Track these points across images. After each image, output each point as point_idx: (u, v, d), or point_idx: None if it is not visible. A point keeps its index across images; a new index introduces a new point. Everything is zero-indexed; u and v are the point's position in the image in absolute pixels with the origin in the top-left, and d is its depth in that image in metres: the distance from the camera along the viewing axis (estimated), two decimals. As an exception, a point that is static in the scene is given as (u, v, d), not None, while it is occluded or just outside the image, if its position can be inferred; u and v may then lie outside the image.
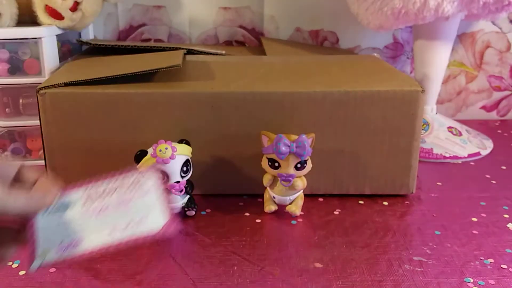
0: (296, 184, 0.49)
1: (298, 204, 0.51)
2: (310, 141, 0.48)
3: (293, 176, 0.48)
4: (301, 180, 0.50)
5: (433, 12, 0.59)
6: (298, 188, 0.49)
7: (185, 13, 0.82)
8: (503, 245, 0.46)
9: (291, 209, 0.50)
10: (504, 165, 0.65)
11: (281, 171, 0.48)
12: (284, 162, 0.48)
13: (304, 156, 0.48)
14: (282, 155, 0.47)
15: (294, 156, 0.48)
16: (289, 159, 0.48)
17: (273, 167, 0.49)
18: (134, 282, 0.40)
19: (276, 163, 0.48)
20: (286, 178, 0.48)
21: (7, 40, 0.60)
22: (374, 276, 0.41)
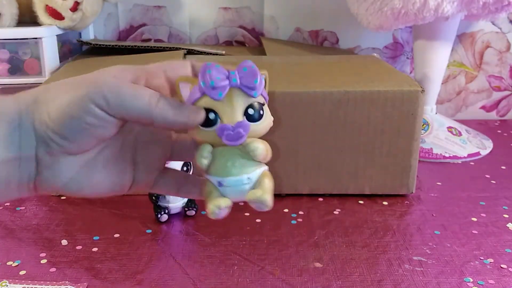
0: (254, 145, 0.29)
1: (265, 187, 0.29)
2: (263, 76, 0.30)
3: (246, 126, 0.28)
4: (261, 142, 0.29)
5: (433, 12, 0.59)
6: (259, 154, 0.29)
7: (185, 13, 0.82)
8: (503, 245, 0.46)
9: (256, 196, 0.29)
10: (503, 165, 0.65)
11: (222, 123, 0.28)
12: (224, 105, 0.28)
13: (256, 90, 0.29)
14: (219, 89, 0.28)
15: (240, 92, 0.28)
16: (232, 98, 0.28)
17: (206, 123, 0.28)
18: (134, 282, 0.40)
19: (211, 112, 0.28)
20: (235, 129, 0.28)
21: (8, 40, 0.60)
22: (374, 276, 0.41)
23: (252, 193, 0.29)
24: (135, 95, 0.27)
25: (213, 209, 0.30)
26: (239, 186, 0.30)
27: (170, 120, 0.28)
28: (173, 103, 0.28)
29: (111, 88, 0.27)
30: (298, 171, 0.54)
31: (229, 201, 0.30)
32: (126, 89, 0.27)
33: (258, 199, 0.29)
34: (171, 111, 0.28)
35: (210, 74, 0.28)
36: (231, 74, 0.29)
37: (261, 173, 0.30)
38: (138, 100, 0.27)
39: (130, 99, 0.27)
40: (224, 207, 0.30)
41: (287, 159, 0.54)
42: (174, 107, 0.28)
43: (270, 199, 0.29)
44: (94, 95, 0.26)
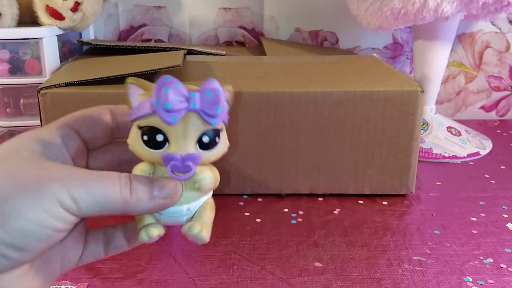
0: (201, 176, 0.26)
1: (204, 221, 0.27)
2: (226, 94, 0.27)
3: (196, 159, 0.25)
4: (210, 170, 0.27)
5: (433, 13, 0.59)
6: (205, 186, 0.26)
7: (185, 13, 0.82)
8: (502, 245, 0.46)
9: (194, 234, 0.26)
10: (503, 165, 0.65)
11: (170, 150, 0.25)
12: (176, 131, 0.25)
13: (216, 118, 0.25)
14: (174, 114, 0.24)
15: (197, 117, 0.25)
16: (188, 124, 0.25)
17: (152, 144, 0.25)
18: (134, 281, 0.40)
19: (160, 134, 0.25)
20: (183, 163, 0.25)
21: (8, 40, 0.60)
22: (374, 276, 0.41)
23: (189, 229, 0.26)
24: (106, 192, 0.24)
25: (143, 237, 0.26)
26: (176, 217, 0.27)
27: (146, 209, 0.25)
28: (147, 186, 0.25)
29: (78, 186, 0.23)
30: (298, 171, 0.54)
31: (162, 231, 0.27)
32: (95, 186, 0.23)
33: (196, 236, 0.26)
34: (146, 200, 0.25)
35: (167, 95, 0.24)
36: (191, 97, 0.24)
37: (203, 203, 0.27)
38: (110, 195, 0.24)
39: (101, 197, 0.23)
40: (156, 236, 0.27)
41: (287, 159, 0.54)
42: (149, 192, 0.25)
43: (207, 235, 0.27)
44: (62, 197, 0.23)
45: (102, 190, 0.23)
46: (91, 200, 0.23)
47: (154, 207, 0.25)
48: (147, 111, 0.25)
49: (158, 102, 0.24)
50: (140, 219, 0.27)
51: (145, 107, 0.25)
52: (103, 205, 0.24)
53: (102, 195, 0.23)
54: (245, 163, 0.54)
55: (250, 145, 0.53)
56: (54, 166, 0.24)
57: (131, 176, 0.25)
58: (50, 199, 0.22)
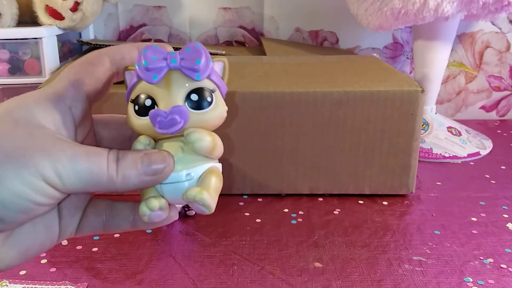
0: (195, 136, 0.25)
1: (207, 185, 0.25)
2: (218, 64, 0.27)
3: (183, 112, 0.24)
4: (208, 133, 0.25)
5: (433, 12, 0.59)
6: (200, 147, 0.25)
7: (185, 13, 0.82)
8: (503, 245, 0.46)
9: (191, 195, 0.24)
10: (503, 165, 0.65)
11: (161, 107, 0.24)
12: (161, 91, 0.24)
13: (199, 72, 0.24)
14: (154, 71, 0.24)
15: (181, 75, 0.24)
16: (171, 81, 0.24)
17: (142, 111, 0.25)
18: (134, 282, 0.40)
19: (148, 99, 0.25)
20: (168, 115, 0.24)
21: (8, 40, 0.60)
22: (374, 276, 0.41)
23: (188, 192, 0.24)
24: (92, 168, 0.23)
25: (144, 210, 0.25)
26: (177, 184, 0.25)
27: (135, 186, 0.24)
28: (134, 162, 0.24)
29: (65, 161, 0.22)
30: (298, 171, 0.54)
31: (164, 201, 0.25)
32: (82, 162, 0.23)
33: (193, 198, 0.24)
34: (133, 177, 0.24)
35: (145, 54, 0.24)
36: (170, 55, 0.25)
37: (206, 169, 0.26)
38: (96, 174, 0.23)
39: (87, 174, 0.23)
40: (157, 208, 0.25)
41: (287, 159, 0.54)
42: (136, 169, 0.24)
43: (210, 198, 0.24)
44: (46, 171, 0.22)
45: (88, 166, 0.23)
46: (76, 176, 0.22)
47: (143, 184, 0.24)
48: (134, 80, 0.25)
49: (139, 64, 0.24)
50: (144, 194, 0.26)
51: (133, 77, 0.26)
52: (88, 181, 0.23)
53: (88, 171, 0.23)
54: (245, 163, 0.54)
55: (250, 145, 0.53)
56: (44, 135, 0.23)
57: (120, 152, 0.24)
58: (32, 172, 0.22)
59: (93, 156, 0.23)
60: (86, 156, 0.23)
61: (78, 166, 0.22)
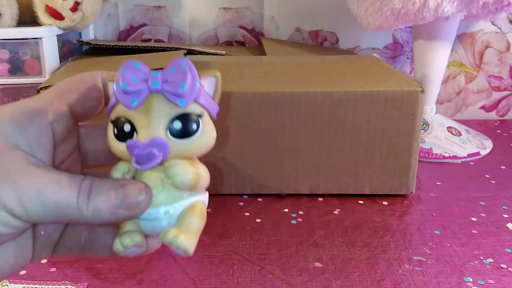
0: (175, 170, 0.22)
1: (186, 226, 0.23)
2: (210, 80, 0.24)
3: (162, 145, 0.22)
4: (191, 165, 0.23)
5: (433, 12, 0.59)
6: (180, 182, 0.22)
7: (185, 13, 0.82)
8: (503, 245, 0.46)
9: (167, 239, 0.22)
10: (503, 165, 0.65)
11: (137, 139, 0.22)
12: (140, 117, 0.22)
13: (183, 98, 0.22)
14: (132, 95, 0.22)
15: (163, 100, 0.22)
16: (151, 107, 0.22)
17: (121, 136, 0.23)
18: (134, 282, 0.40)
19: (127, 124, 0.23)
20: (145, 149, 0.22)
21: (8, 40, 0.60)
22: (374, 276, 0.41)
23: (164, 234, 0.22)
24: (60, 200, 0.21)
25: (118, 247, 0.23)
26: (154, 221, 0.23)
27: (107, 220, 0.22)
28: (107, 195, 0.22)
29: (30, 191, 0.21)
30: (298, 171, 0.54)
31: (138, 238, 0.23)
32: (49, 193, 0.21)
33: (169, 242, 0.22)
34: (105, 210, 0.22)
35: (124, 75, 0.22)
36: (152, 76, 0.22)
37: (188, 205, 0.23)
38: (65, 206, 0.21)
39: (54, 206, 0.21)
40: (131, 245, 0.23)
41: (287, 159, 0.54)
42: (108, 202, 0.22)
43: (187, 242, 0.22)
44: (8, 201, 0.20)
45: (56, 198, 0.21)
46: (42, 207, 0.21)
47: (115, 218, 0.22)
48: (113, 100, 0.23)
49: (117, 85, 0.22)
50: (121, 226, 0.24)
51: (112, 97, 0.23)
52: (55, 213, 0.21)
53: (55, 203, 0.21)
54: (245, 163, 0.54)
55: (250, 145, 0.53)
56: (12, 160, 0.21)
57: (94, 182, 0.22)
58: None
59: (62, 186, 0.21)
60: (56, 186, 0.21)
61: (44, 197, 0.21)
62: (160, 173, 0.23)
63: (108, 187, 0.22)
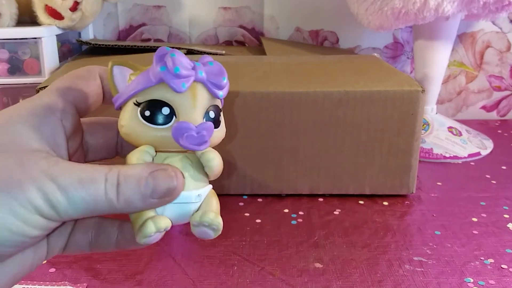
0: (211, 156, 0.24)
1: (217, 208, 0.24)
2: None
3: (210, 129, 0.23)
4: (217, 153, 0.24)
5: (433, 12, 0.59)
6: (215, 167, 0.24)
7: (185, 13, 0.82)
8: (503, 245, 0.46)
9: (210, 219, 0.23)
10: (504, 165, 0.65)
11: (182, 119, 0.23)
12: (184, 102, 0.23)
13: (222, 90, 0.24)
14: (184, 79, 0.22)
15: (204, 89, 0.23)
16: (196, 94, 0.23)
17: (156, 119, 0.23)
18: (134, 282, 0.40)
19: (166, 107, 0.23)
20: (199, 132, 0.22)
21: (7, 40, 0.60)
22: (374, 276, 0.41)
23: (203, 216, 0.23)
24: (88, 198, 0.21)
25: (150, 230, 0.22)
26: (184, 205, 0.23)
27: (140, 209, 0.22)
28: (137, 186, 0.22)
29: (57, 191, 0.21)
30: (298, 171, 0.54)
31: (169, 222, 0.23)
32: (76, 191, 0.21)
33: (212, 223, 0.23)
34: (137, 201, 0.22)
35: (174, 59, 0.22)
36: (196, 66, 0.23)
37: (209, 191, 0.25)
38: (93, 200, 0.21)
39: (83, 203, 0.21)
40: (164, 229, 0.23)
41: (287, 159, 0.54)
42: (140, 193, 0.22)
43: (221, 223, 0.24)
44: (38, 203, 0.20)
45: (83, 194, 0.21)
46: (71, 206, 0.21)
47: (149, 207, 0.23)
48: (149, 83, 0.22)
49: (166, 67, 0.22)
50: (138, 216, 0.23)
51: (145, 80, 0.23)
52: (86, 209, 0.21)
53: (83, 200, 0.21)
54: (245, 163, 0.54)
55: (250, 145, 0.53)
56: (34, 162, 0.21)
57: (120, 175, 0.22)
58: (25, 205, 0.20)
59: (88, 183, 0.21)
60: (80, 183, 0.21)
61: (72, 196, 0.21)
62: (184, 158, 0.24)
63: (138, 177, 0.22)
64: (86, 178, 0.21)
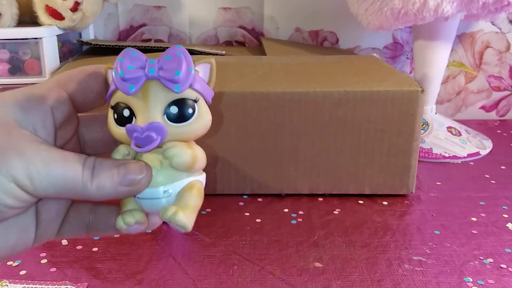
0: (173, 151, 0.24)
1: (184, 203, 0.24)
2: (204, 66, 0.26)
3: (160, 128, 0.23)
4: (187, 146, 0.24)
5: (433, 13, 0.59)
6: (178, 163, 0.24)
7: (185, 13, 0.82)
8: (503, 245, 0.46)
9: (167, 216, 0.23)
10: (503, 165, 0.65)
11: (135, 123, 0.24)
12: (138, 102, 0.24)
13: (179, 83, 0.23)
14: (130, 82, 0.23)
15: (160, 86, 0.23)
16: (148, 92, 0.23)
17: (121, 120, 0.24)
18: (134, 282, 0.40)
19: (126, 109, 0.24)
20: (144, 132, 0.23)
21: (8, 40, 0.60)
22: (374, 276, 0.41)
23: (163, 211, 0.23)
24: (67, 174, 0.22)
25: (120, 225, 0.24)
26: (154, 200, 0.24)
27: (110, 196, 0.23)
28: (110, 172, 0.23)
29: (38, 164, 0.22)
30: (298, 171, 0.54)
31: (140, 216, 0.24)
32: (56, 166, 0.22)
33: (168, 218, 0.23)
34: (108, 186, 0.23)
35: (121, 63, 0.23)
36: (148, 63, 0.23)
37: (185, 184, 0.25)
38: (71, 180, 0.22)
39: (61, 180, 0.22)
40: (133, 223, 0.24)
41: (287, 159, 0.54)
42: (111, 178, 0.23)
43: (185, 219, 0.23)
44: (17, 173, 0.21)
45: (63, 171, 0.22)
46: (48, 180, 0.22)
47: (117, 194, 0.24)
48: (112, 87, 0.25)
49: (115, 73, 0.23)
50: (123, 204, 0.25)
51: (112, 84, 0.25)
52: (61, 187, 0.22)
53: (62, 176, 0.22)
54: (245, 163, 0.54)
55: (250, 145, 0.53)
56: (20, 136, 0.22)
57: (97, 160, 0.24)
58: (3, 173, 0.21)
59: (68, 161, 0.22)
60: (62, 161, 0.22)
61: (52, 170, 0.22)
62: (159, 155, 0.24)
63: (111, 165, 0.24)
64: (67, 157, 0.23)
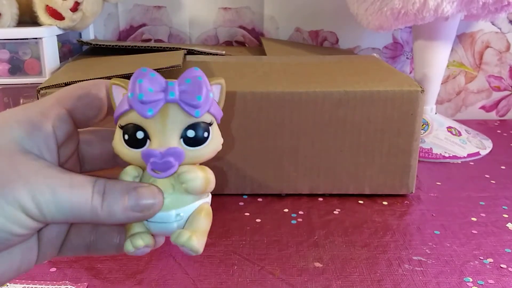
0: (188, 176, 0.23)
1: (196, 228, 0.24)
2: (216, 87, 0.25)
3: (179, 154, 0.23)
4: (201, 170, 0.24)
5: (433, 13, 0.59)
6: (193, 188, 0.24)
7: (185, 13, 0.82)
8: (503, 245, 0.46)
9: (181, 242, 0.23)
10: (503, 165, 0.65)
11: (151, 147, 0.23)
12: (156, 123, 0.23)
13: (199, 108, 0.23)
14: (150, 105, 0.22)
15: (178, 109, 0.23)
16: (167, 116, 0.23)
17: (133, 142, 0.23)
18: (134, 282, 0.40)
19: (140, 131, 0.23)
20: (163, 157, 0.22)
21: (8, 40, 0.60)
22: (374, 276, 0.41)
23: (177, 237, 0.23)
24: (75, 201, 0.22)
25: (128, 248, 0.24)
26: (165, 224, 0.24)
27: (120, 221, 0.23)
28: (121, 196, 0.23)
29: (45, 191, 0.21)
30: (298, 171, 0.54)
31: (149, 239, 0.24)
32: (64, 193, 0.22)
33: (184, 245, 0.23)
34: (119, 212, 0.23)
35: (141, 85, 0.22)
36: (168, 86, 0.23)
37: (196, 208, 0.24)
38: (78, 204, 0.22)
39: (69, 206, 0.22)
40: (143, 247, 0.24)
41: (287, 159, 0.54)
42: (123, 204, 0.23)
43: (198, 243, 0.23)
44: (25, 201, 0.21)
45: (71, 198, 0.22)
46: (57, 207, 0.21)
47: (128, 219, 0.23)
48: (124, 107, 0.23)
49: (133, 94, 0.22)
50: (129, 227, 0.24)
51: (123, 104, 0.23)
52: (70, 214, 0.22)
53: (70, 203, 0.22)
54: (245, 163, 0.54)
55: (250, 145, 0.53)
56: (25, 163, 0.22)
57: (107, 184, 0.23)
58: (11, 202, 0.21)
59: (76, 187, 0.22)
60: (69, 187, 0.22)
61: (59, 197, 0.21)
62: (170, 178, 0.24)
63: (122, 190, 0.23)
64: (76, 182, 0.22)
